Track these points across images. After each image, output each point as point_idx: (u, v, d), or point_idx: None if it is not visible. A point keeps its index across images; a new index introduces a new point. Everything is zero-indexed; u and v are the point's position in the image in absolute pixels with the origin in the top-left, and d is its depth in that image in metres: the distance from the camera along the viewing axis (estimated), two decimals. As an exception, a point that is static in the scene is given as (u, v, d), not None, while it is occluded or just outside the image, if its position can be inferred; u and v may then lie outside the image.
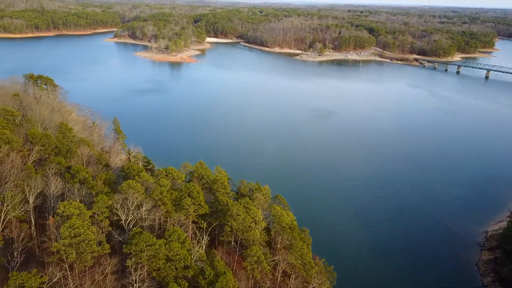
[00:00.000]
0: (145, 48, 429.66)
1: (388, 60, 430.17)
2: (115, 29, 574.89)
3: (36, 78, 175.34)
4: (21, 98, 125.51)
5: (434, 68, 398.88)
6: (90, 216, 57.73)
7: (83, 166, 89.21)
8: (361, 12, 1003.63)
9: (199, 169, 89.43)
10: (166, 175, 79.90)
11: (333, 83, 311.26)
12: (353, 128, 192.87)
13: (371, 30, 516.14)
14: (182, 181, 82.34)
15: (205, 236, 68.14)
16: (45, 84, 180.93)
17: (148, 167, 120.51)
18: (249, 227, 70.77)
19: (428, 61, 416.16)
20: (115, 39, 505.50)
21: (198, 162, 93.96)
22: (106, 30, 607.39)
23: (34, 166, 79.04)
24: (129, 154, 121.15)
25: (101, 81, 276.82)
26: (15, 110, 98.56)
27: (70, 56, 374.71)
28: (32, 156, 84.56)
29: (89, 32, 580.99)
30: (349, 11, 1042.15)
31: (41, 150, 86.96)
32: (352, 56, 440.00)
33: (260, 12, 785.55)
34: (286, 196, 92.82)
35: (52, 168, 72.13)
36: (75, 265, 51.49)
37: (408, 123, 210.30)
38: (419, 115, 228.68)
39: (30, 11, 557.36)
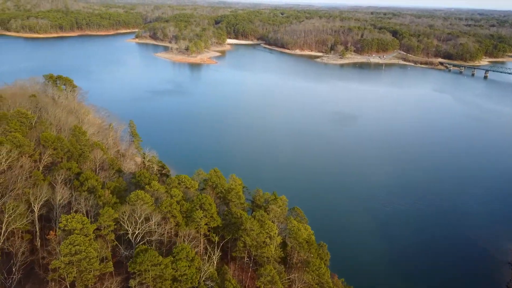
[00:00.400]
0: (166, 49, 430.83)
1: (412, 64, 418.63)
2: (137, 30, 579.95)
3: (56, 78, 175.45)
4: (38, 99, 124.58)
5: (460, 73, 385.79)
6: (95, 230, 54.46)
7: (95, 171, 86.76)
8: (384, 14, 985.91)
9: (213, 177, 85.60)
10: (179, 183, 76.34)
11: (354, 86, 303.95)
12: (375, 135, 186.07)
13: (394, 33, 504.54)
14: (195, 190, 78.63)
15: (217, 251, 64.12)
16: (64, 85, 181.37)
17: (162, 172, 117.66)
18: (264, 242, 66.40)
19: (454, 65, 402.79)
20: (137, 40, 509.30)
21: (213, 170, 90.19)
22: (128, 30, 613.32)
23: (43, 172, 76.64)
24: (144, 157, 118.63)
25: (120, 81, 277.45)
26: (29, 113, 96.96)
27: (92, 56, 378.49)
28: (44, 160, 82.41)
29: (112, 32, 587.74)
30: (372, 13, 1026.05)
31: (53, 154, 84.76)
32: (374, 59, 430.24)
33: (282, 14, 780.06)
34: (304, 205, 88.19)
35: (62, 175, 69.48)
36: (76, 283, 48.22)
37: (434, 130, 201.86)
38: (445, 122, 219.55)
39: (55, 12, 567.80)
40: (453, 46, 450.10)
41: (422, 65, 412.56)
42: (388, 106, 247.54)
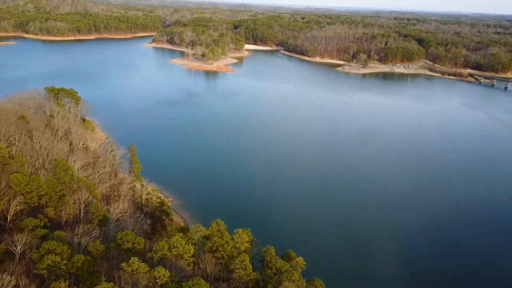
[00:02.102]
0: (182, 54, 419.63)
1: (439, 75, 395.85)
2: (154, 33, 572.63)
3: (58, 91, 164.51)
4: (27, 120, 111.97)
5: (492, 86, 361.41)
6: None
7: (77, 218, 72.63)
8: (408, 20, 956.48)
9: (214, 234, 70.30)
10: (169, 249, 61.19)
11: (377, 99, 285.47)
12: (401, 158, 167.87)
13: (420, 41, 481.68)
14: (190, 257, 63.27)
15: None
16: (67, 97, 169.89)
17: (161, 208, 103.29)
18: None
19: (485, 77, 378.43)
20: (154, 44, 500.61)
21: (215, 223, 74.95)
22: (146, 34, 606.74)
23: (10, 227, 62.65)
24: (142, 190, 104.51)
25: (132, 90, 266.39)
26: (3, 145, 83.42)
27: (107, 61, 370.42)
28: (12, 209, 68.67)
29: (129, 36, 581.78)
30: (395, 18, 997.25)
31: (24, 201, 70.96)
32: (399, 69, 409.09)
33: (302, 19, 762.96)
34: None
35: (21, 241, 55.23)
36: None
37: (465, 152, 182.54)
38: (478, 143, 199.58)
39: (73, 14, 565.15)
40: (483, 56, 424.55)
41: (450, 77, 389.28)
42: (413, 123, 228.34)
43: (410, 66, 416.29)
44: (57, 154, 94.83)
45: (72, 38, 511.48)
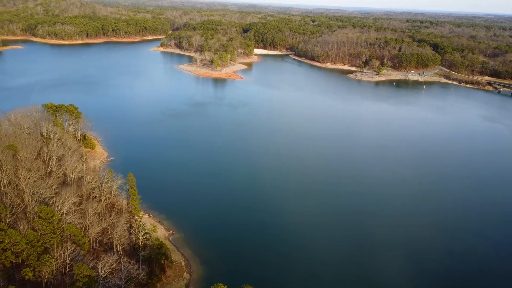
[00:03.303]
0: (190, 60, 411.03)
1: (456, 83, 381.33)
2: (163, 37, 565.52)
3: (56, 108, 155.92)
4: (18, 148, 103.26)
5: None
6: None
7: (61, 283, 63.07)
8: (421, 22, 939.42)
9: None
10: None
11: (391, 110, 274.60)
12: (414, 173, 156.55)
13: (435, 46, 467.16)
14: None
15: None
16: (66, 113, 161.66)
17: (160, 251, 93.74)
18: None
19: (504, 86, 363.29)
20: (162, 49, 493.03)
21: (216, 288, 64.87)
22: (154, 37, 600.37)
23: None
24: (139, 230, 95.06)
25: (137, 98, 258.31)
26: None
27: (114, 66, 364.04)
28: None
29: (138, 39, 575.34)
30: (407, 21, 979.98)
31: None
32: (413, 76, 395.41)
33: (313, 22, 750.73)
34: None
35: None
36: None
37: (482, 169, 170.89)
38: (497, 160, 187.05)
39: (81, 17, 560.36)
40: (502, 63, 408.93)
41: (467, 85, 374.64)
42: (427, 136, 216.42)
43: (425, 74, 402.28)
44: (44, 192, 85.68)
45: (80, 41, 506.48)
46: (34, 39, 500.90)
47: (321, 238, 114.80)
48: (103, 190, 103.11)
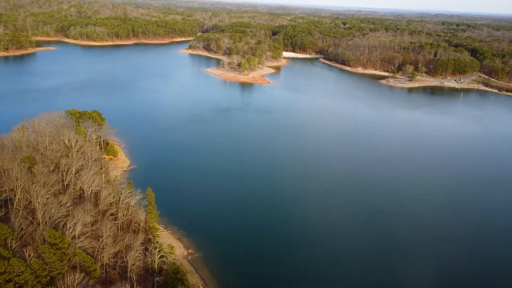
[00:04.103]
0: (218, 63, 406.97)
1: (496, 91, 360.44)
2: (192, 39, 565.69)
3: (79, 115, 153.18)
4: (33, 161, 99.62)
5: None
6: None
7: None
8: (457, 25, 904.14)
9: None
10: None
11: (426, 119, 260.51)
12: (447, 188, 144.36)
13: (473, 52, 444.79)
14: None
15: None
16: (89, 119, 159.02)
17: (177, 276, 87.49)
18: None
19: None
20: (190, 51, 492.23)
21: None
22: (183, 39, 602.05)
23: None
24: (155, 253, 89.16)
25: (163, 102, 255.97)
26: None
27: (142, 68, 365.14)
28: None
29: (167, 41, 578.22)
30: (443, 23, 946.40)
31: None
32: (449, 83, 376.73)
33: (344, 24, 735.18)
34: None
35: None
36: None
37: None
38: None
39: (113, 19, 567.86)
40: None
41: (508, 93, 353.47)
42: (464, 150, 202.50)
43: (462, 80, 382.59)
44: (58, 211, 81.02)
45: (110, 43, 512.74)
46: (66, 40, 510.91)
47: (357, 252, 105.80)
48: (120, 206, 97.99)
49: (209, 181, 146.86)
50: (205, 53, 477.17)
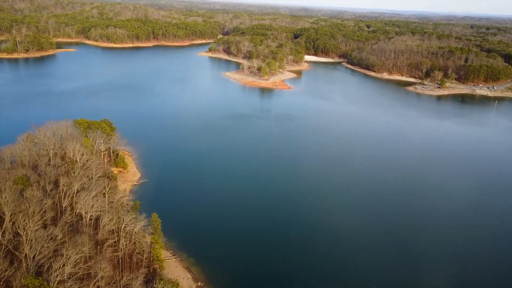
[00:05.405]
0: (238, 66, 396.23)
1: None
2: (212, 41, 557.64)
3: (87, 125, 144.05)
4: (27, 182, 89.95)
5: None
6: None
7: None
8: (487, 28, 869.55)
9: None
10: None
11: (457, 130, 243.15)
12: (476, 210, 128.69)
13: (507, 57, 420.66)
14: None
15: None
16: (98, 129, 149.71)
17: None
18: None
19: None
20: (210, 54, 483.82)
21: None
22: (203, 41, 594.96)
23: None
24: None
25: (180, 109, 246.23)
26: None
27: (160, 71, 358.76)
28: None
29: (187, 43, 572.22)
30: (471, 27, 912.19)
31: None
32: (481, 90, 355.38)
33: (368, 27, 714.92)
34: None
35: None
36: None
37: None
38: None
39: (133, 21, 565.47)
40: None
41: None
42: (496, 165, 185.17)
43: (495, 88, 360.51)
44: (46, 247, 70.53)
45: (130, 45, 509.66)
46: (87, 41, 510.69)
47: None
48: (122, 235, 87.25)
49: (225, 201, 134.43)
50: (225, 56, 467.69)
